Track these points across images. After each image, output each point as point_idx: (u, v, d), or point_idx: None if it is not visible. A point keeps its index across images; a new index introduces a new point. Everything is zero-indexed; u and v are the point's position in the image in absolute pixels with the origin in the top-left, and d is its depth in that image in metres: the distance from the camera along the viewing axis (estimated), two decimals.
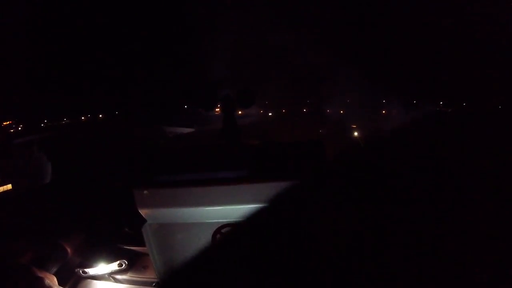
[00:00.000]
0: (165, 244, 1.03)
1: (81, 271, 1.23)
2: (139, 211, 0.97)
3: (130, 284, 1.23)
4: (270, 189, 0.92)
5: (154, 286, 1.19)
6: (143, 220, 0.99)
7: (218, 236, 1.00)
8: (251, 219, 0.97)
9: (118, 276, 1.25)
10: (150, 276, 1.23)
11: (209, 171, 0.97)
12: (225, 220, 0.99)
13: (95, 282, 1.26)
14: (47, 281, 0.89)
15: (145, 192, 0.93)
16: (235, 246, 1.01)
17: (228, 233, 1.00)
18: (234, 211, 0.97)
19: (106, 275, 1.25)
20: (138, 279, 1.24)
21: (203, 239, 1.01)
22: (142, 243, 1.07)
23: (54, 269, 1.10)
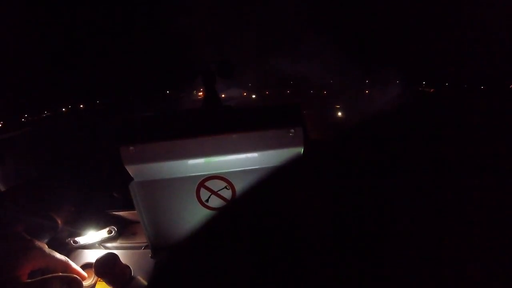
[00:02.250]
0: (152, 201, 1.07)
1: (71, 241, 1.27)
2: (126, 168, 1.00)
3: (120, 250, 1.27)
4: (254, 138, 0.96)
5: (143, 249, 1.24)
6: (130, 180, 1.02)
7: (202, 189, 1.05)
8: (234, 169, 1.02)
9: (108, 244, 1.30)
10: (139, 241, 1.28)
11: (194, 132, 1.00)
12: (209, 173, 1.04)
13: (86, 251, 1.29)
14: (37, 243, 0.93)
15: (131, 148, 0.95)
16: (218, 198, 1.06)
17: (211, 185, 1.05)
18: (219, 163, 1.01)
19: (97, 244, 1.29)
20: (128, 245, 1.29)
21: (188, 193, 1.05)
22: (130, 207, 1.11)
23: (46, 240, 1.14)
